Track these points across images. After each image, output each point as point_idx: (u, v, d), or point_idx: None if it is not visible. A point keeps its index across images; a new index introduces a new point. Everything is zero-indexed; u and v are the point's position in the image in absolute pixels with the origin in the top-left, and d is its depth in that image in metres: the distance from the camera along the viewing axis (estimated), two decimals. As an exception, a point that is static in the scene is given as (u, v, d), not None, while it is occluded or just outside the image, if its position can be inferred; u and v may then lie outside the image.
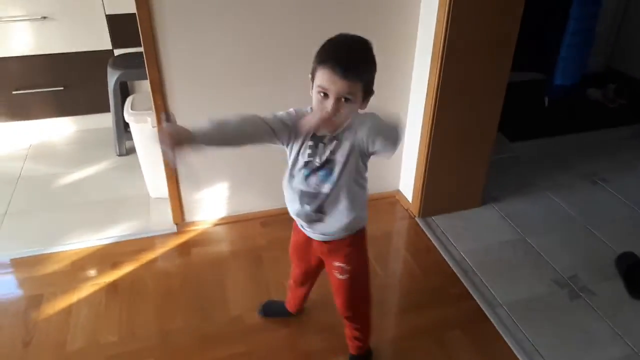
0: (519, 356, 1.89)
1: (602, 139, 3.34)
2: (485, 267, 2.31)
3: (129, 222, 2.55)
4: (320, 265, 1.68)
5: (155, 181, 2.63)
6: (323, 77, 1.24)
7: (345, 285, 1.60)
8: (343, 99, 1.24)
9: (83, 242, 2.41)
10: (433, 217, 2.60)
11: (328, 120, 1.26)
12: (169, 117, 1.32)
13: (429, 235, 2.49)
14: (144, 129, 2.49)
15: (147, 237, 2.45)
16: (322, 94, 1.26)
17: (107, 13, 3.01)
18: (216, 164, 2.38)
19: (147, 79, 2.10)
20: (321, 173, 1.39)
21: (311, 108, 1.35)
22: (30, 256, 2.33)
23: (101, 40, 3.08)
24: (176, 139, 1.25)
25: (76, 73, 3.15)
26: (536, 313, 2.08)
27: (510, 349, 1.92)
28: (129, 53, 3.05)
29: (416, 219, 2.60)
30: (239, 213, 2.56)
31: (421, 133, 2.41)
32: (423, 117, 2.37)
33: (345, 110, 1.26)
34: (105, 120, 3.24)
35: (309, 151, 1.38)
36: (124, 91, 3.05)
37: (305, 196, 1.44)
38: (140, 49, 2.06)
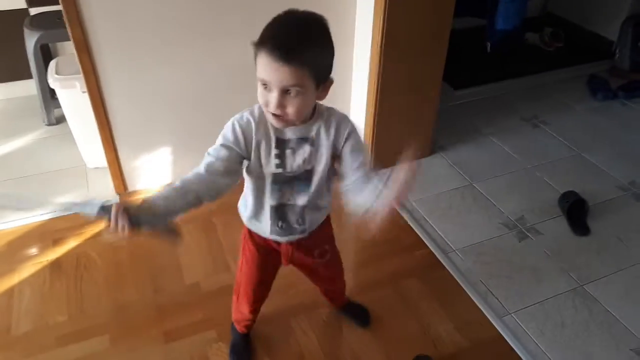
0: (474, 299, 1.95)
1: (541, 83, 3.42)
2: (437, 215, 2.35)
3: (67, 195, 2.41)
4: (276, 271, 1.56)
5: (91, 150, 2.47)
6: (263, 64, 1.02)
7: (330, 263, 1.56)
8: (289, 92, 1.04)
9: (19, 220, 2.24)
10: (383, 170, 2.59)
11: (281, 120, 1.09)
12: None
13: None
14: (72, 95, 2.31)
15: (89, 210, 2.32)
16: (264, 86, 1.05)
17: (18, -33, 2.73)
18: (156, 128, 2.26)
19: (70, 39, 1.93)
20: (297, 184, 1.22)
21: (247, 114, 1.16)
22: (-41, 239, 2.16)
23: (14, -2, 2.80)
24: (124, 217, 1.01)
25: (-10, 36, 2.87)
26: (487, 256, 2.14)
27: (465, 292, 1.98)
28: (47, 12, 2.78)
29: (367, 172, 2.59)
30: (185, 178, 2.46)
31: (368, 87, 2.37)
32: (369, 71, 2.32)
33: (294, 105, 1.05)
34: (29, 88, 2.99)
35: (276, 161, 1.18)
36: (46, 54, 2.81)
37: (279, 211, 1.27)
38: (59, 7, 1.88)
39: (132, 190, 2.39)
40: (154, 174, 2.39)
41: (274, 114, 1.08)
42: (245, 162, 1.20)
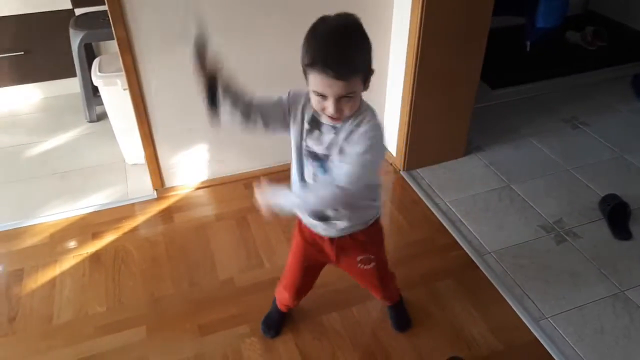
0: (509, 302, 1.92)
1: (581, 83, 3.32)
2: (472, 216, 2.31)
3: (107, 191, 2.47)
4: (322, 267, 1.61)
5: (131, 147, 2.53)
6: (316, 81, 1.10)
7: (374, 272, 1.56)
8: (344, 97, 1.12)
9: (60, 214, 2.32)
10: (418, 170, 2.58)
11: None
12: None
13: (414, 188, 2.47)
14: (114, 92, 2.37)
15: (127, 205, 2.38)
16: (320, 96, 1.14)
17: (64, -31, 2.83)
18: (194, 126, 2.29)
19: (113, 39, 1.98)
20: (320, 166, 1.28)
21: (307, 95, 1.25)
22: (6, 230, 2.24)
23: (60, -1, 2.90)
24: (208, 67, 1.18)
25: (36, 36, 2.98)
26: (524, 259, 2.10)
27: (501, 295, 1.94)
28: (92, 12, 2.88)
29: (401, 172, 2.58)
30: (220, 176, 2.49)
31: (403, 85, 2.35)
32: (405, 69, 2.30)
33: (349, 106, 1.15)
34: (72, 86, 3.09)
35: (303, 134, 1.28)
36: (90, 53, 2.90)
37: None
38: (103, 7, 1.93)
39: (169, 186, 2.43)
40: (191, 170, 2.44)
41: (330, 117, 1.17)
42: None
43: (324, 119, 1.23)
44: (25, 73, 3.10)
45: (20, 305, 1.91)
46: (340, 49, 1.08)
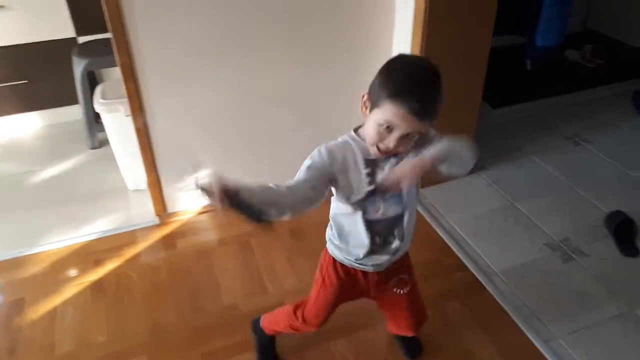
0: (517, 322, 1.88)
1: (582, 100, 3.33)
2: (477, 235, 2.29)
3: (109, 217, 2.46)
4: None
5: (133, 173, 2.53)
6: (392, 112, 1.09)
7: (410, 298, 1.52)
8: (409, 135, 1.12)
9: (62, 241, 2.30)
10: (421, 190, 2.57)
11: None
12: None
13: (417, 208, 2.45)
14: (116, 119, 2.38)
15: (129, 231, 2.36)
16: (385, 127, 1.12)
17: (67, -2, 2.86)
18: (196, 151, 2.29)
19: (115, 66, 2.00)
20: (388, 197, 1.25)
21: (347, 137, 1.22)
22: (7, 259, 2.22)
23: (63, 28, 2.93)
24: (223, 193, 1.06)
25: (39, 64, 3.00)
26: (531, 278, 2.07)
27: (509, 316, 1.91)
28: (94, 40, 2.90)
29: (404, 192, 2.56)
30: (223, 200, 2.47)
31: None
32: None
33: (407, 145, 1.15)
34: (74, 113, 3.11)
35: (367, 179, 1.22)
36: (92, 81, 2.91)
37: (376, 226, 1.29)
38: (106, 35, 1.95)
39: (172, 212, 2.42)
40: (194, 195, 2.42)
41: (383, 151, 1.15)
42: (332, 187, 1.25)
43: (374, 155, 1.20)
44: (27, 102, 3.12)
45: (21, 336, 1.88)
46: (428, 90, 1.10)
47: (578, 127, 3.05)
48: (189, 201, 2.43)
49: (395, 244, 1.35)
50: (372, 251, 1.34)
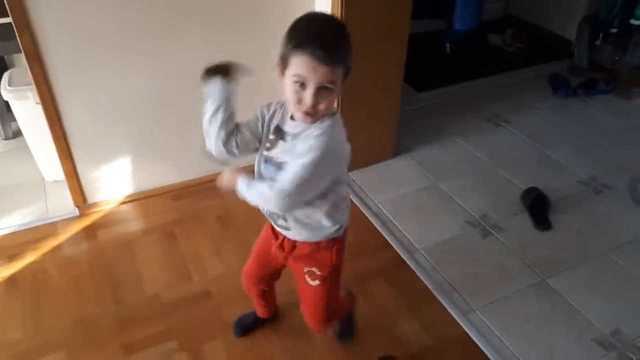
0: (438, 297, 1.96)
1: (503, 83, 3.46)
2: (402, 215, 2.35)
3: (25, 210, 2.34)
4: (281, 268, 1.53)
5: (49, 163, 2.41)
6: (300, 64, 1.08)
7: (317, 294, 1.45)
8: (324, 88, 1.11)
9: (-28, 237, 2.18)
10: (349, 173, 2.59)
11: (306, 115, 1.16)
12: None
13: (345, 191, 2.48)
14: (26, 107, 2.26)
15: (47, 224, 2.26)
16: (299, 84, 1.10)
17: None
18: (114, 137, 2.22)
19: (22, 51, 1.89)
20: (269, 171, 1.26)
21: (277, 103, 1.24)
22: None
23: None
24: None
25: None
26: (452, 254, 2.15)
27: (431, 291, 1.98)
28: (4, 24, 2.72)
29: (332, 176, 2.58)
30: (146, 189, 2.41)
31: (329, 88, 2.36)
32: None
33: (326, 101, 1.13)
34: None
35: (267, 144, 1.26)
36: (3, 68, 2.74)
37: None
38: (8, 19, 1.84)
39: (92, 202, 2.33)
40: (114, 185, 2.34)
41: (305, 112, 1.14)
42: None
43: (288, 126, 1.22)
44: None
45: None
46: (330, 35, 1.11)
47: (498, 109, 3.18)
48: (110, 190, 2.35)
49: (281, 221, 1.33)
50: (268, 211, 1.35)
